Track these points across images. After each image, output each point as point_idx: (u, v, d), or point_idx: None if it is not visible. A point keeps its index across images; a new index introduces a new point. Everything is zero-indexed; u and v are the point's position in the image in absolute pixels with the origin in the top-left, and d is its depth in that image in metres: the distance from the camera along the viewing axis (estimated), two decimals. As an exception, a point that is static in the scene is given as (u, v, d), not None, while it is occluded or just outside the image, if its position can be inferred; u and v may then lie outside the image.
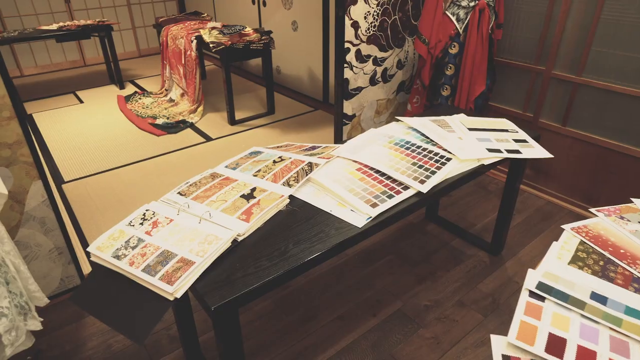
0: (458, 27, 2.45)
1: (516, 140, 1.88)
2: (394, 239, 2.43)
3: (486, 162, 1.71)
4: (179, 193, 1.49)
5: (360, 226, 1.35)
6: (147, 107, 4.23)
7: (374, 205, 1.42)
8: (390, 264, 2.25)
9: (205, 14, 4.74)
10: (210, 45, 3.52)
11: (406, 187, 1.52)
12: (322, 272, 2.21)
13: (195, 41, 3.80)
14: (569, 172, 2.62)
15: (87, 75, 5.20)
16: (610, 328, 0.80)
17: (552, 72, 2.53)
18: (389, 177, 1.56)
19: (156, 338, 1.85)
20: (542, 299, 0.87)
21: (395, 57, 2.92)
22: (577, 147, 2.55)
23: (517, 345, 0.78)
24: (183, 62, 4.05)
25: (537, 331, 0.80)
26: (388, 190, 1.49)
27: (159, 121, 3.90)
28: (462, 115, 2.09)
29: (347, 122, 2.84)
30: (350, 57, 2.66)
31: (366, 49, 2.71)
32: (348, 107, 2.81)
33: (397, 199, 1.46)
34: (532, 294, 0.89)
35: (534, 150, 1.81)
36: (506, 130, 1.97)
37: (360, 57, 2.71)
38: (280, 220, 1.39)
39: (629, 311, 0.84)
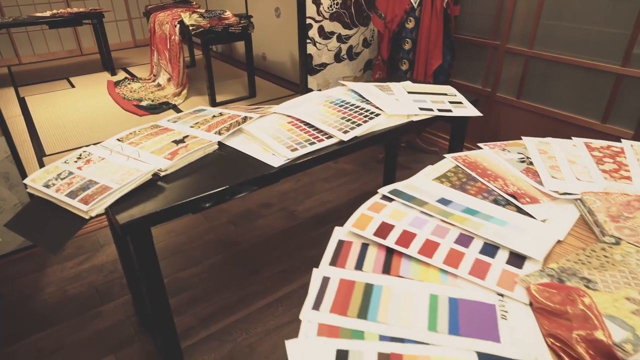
0: (413, 2, 2.54)
1: (451, 102, 1.96)
2: (349, 205, 2.53)
3: (415, 119, 1.80)
4: (117, 139, 1.61)
5: (276, 166, 1.45)
6: (134, 91, 4.38)
7: (294, 149, 1.52)
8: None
9: (194, 2, 4.88)
10: (190, 28, 3.65)
11: (330, 137, 1.62)
12: (274, 233, 2.32)
13: (178, 26, 3.94)
14: (524, 144, 2.69)
15: (82, 64, 5.39)
16: (441, 220, 0.90)
17: (506, 46, 2.61)
18: (316, 129, 1.66)
19: (109, 286, 1.98)
20: (391, 200, 0.97)
21: (361, 36, 3.01)
22: (531, 120, 2.62)
23: (352, 231, 0.88)
24: (168, 46, 4.20)
25: (371, 220, 0.89)
26: (311, 139, 1.60)
27: (144, 103, 4.05)
28: (407, 82, 2.18)
29: (312, 97, 2.93)
30: (313, 33, 2.76)
31: (329, 26, 2.82)
32: (313, 82, 2.92)
33: (318, 145, 1.56)
34: (383, 197, 0.98)
35: (466, 110, 1.90)
36: (445, 94, 2.05)
37: (324, 34, 2.81)
38: (206, 163, 1.50)
39: (466, 210, 0.93)
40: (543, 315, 0.68)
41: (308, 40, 2.76)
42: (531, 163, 1.17)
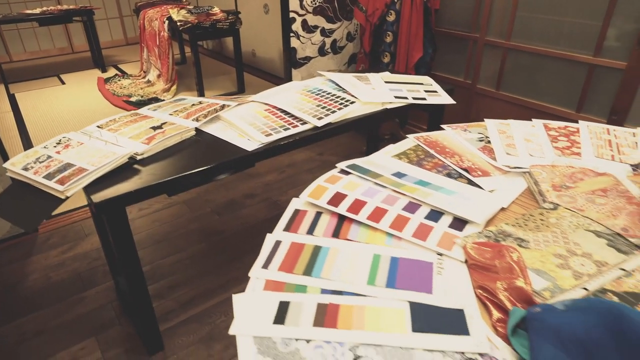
0: (393, -5, 2.59)
1: (427, 91, 2.01)
2: (331, 195, 2.57)
3: (390, 106, 1.85)
4: (97, 126, 1.65)
5: (250, 150, 1.50)
6: (124, 87, 4.42)
7: (268, 135, 1.57)
8: (323, 215, 2.39)
9: (185, 0, 4.92)
10: (178, 24, 3.69)
11: (305, 123, 1.66)
12: (258, 222, 2.36)
13: (167, 22, 3.98)
14: (504, 135, 2.74)
15: (73, 61, 5.42)
16: (393, 190, 0.94)
17: (485, 39, 2.66)
18: (292, 115, 1.71)
19: (92, 273, 2.01)
20: (348, 174, 1.01)
21: (345, 30, 3.06)
22: (510, 110, 2.67)
23: (308, 201, 0.93)
24: (157, 43, 4.23)
25: (326, 190, 0.94)
26: (286, 124, 1.64)
27: (133, 99, 4.08)
28: (386, 73, 2.23)
29: (296, 90, 2.98)
30: (297, 26, 2.81)
31: (313, 20, 2.86)
32: (297, 75, 2.96)
33: (292, 131, 1.61)
34: (341, 171, 1.03)
35: (439, 98, 1.95)
36: (421, 84, 2.10)
37: (307, 27, 2.86)
38: (182, 147, 1.54)
39: (418, 182, 0.98)
40: (475, 270, 0.73)
41: (292, 34, 2.81)
42: (489, 142, 1.22)
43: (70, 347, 1.65)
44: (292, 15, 2.75)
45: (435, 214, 0.87)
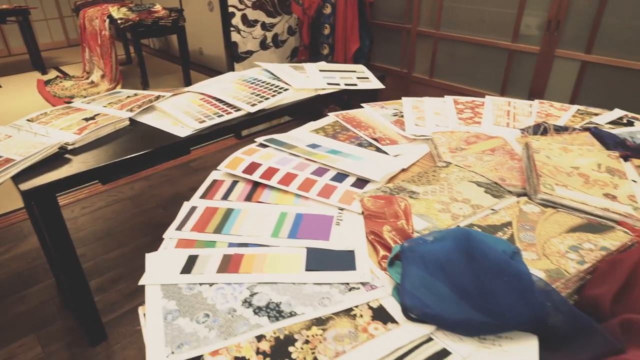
0: (328, -11, 2.68)
1: (359, 78, 2.11)
2: (277, 184, 2.63)
3: (322, 92, 1.93)
4: (27, 119, 1.64)
5: (182, 136, 1.54)
6: (66, 89, 4.30)
7: (202, 121, 1.61)
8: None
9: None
10: (119, 22, 3.64)
11: (239, 110, 1.72)
12: (203, 213, 2.38)
13: (107, 20, 3.91)
14: (439, 120, 2.89)
15: (10, 64, 5.20)
16: (305, 158, 1.02)
17: (417, 29, 2.80)
18: (226, 103, 1.76)
19: (33, 272, 1.98)
20: (266, 147, 1.08)
21: (286, 24, 3.12)
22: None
23: (225, 171, 0.99)
24: (99, 42, 4.15)
25: (242, 161, 1.00)
26: (220, 112, 1.69)
27: (75, 100, 3.98)
28: (322, 63, 2.31)
29: (240, 84, 3.01)
30: (237, 21, 2.85)
31: (252, 14, 2.91)
32: (240, 69, 3.00)
33: (226, 117, 1.66)
34: (259, 144, 1.10)
35: (370, 84, 2.05)
36: (354, 72, 2.20)
37: (247, 22, 2.90)
38: (117, 137, 1.56)
39: (330, 151, 1.06)
40: (369, 219, 0.81)
41: (232, 28, 2.84)
42: (402, 116, 1.32)
43: (9, 344, 1.63)
44: (231, 9, 2.79)
45: (340, 176, 0.95)
